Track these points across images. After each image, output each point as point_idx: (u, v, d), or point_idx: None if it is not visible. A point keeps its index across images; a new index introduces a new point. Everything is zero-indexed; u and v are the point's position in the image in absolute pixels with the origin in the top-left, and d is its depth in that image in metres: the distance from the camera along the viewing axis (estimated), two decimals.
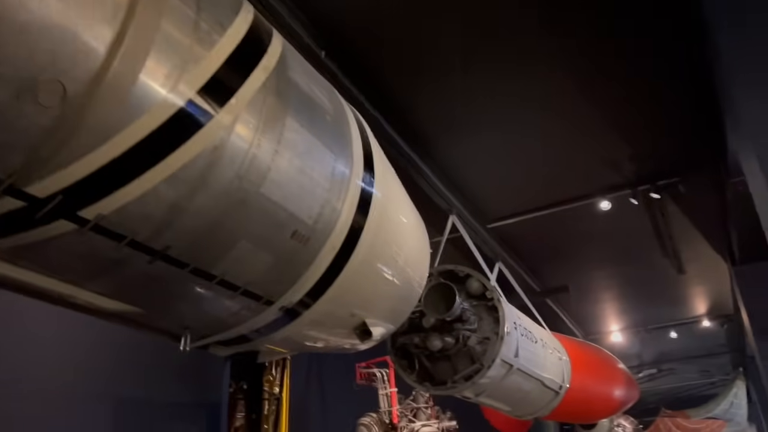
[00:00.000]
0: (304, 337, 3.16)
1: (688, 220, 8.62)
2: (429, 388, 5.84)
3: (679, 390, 23.30)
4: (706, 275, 11.09)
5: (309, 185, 2.44)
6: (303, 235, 2.49)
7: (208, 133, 1.97)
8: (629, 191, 7.57)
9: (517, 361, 6.05)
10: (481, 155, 7.29)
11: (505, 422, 9.56)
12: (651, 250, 9.79)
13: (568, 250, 9.77)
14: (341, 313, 3.11)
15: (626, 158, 7.26)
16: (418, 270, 3.73)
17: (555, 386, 7.14)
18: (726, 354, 18.51)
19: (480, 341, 5.77)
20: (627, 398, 9.46)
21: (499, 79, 6.05)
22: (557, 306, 12.11)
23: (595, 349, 9.26)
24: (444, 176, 7.35)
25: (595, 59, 5.79)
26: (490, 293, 5.89)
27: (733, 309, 12.95)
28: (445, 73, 5.94)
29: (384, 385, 9.87)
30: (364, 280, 3.07)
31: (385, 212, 3.12)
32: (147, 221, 1.96)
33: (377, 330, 3.41)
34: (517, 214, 8.32)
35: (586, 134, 6.96)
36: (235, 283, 2.40)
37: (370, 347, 5.85)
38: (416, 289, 3.78)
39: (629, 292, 12.32)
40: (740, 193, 6.97)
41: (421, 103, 6.35)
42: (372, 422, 9.74)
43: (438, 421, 9.76)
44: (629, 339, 15.11)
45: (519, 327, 6.35)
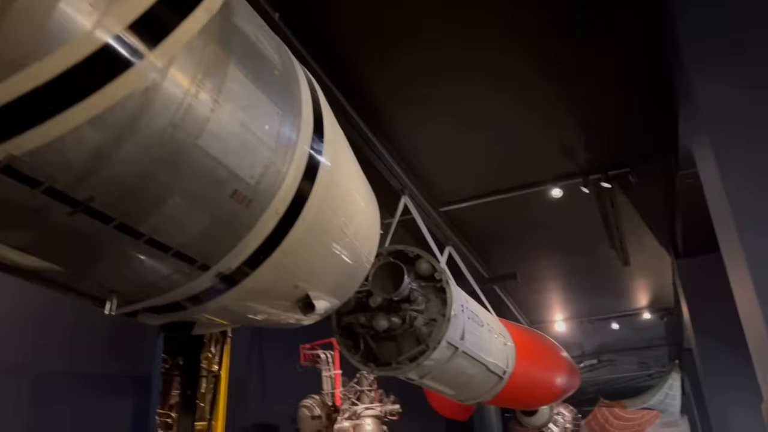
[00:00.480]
0: (244, 308, 3.00)
1: (636, 212, 8.78)
2: (373, 368, 5.75)
3: (617, 381, 24.03)
4: (649, 268, 11.36)
5: (252, 142, 2.29)
6: (244, 195, 2.33)
7: (138, 74, 1.79)
8: (581, 180, 7.63)
9: (462, 344, 6.03)
10: (436, 137, 7.22)
11: (448, 407, 9.61)
12: (598, 241, 9.95)
13: (518, 237, 9.84)
14: (283, 284, 2.97)
15: (580, 146, 7.31)
16: (367, 244, 3.61)
17: (499, 371, 7.17)
18: (664, 346, 19.12)
19: (426, 323, 5.71)
20: (569, 386, 9.61)
21: (457, 60, 5.97)
22: (504, 293, 12.22)
23: (540, 336, 9.37)
24: (398, 155, 7.25)
25: (552, 46, 5.77)
26: (439, 275, 5.83)
27: (674, 302, 13.35)
28: (406, 50, 5.83)
29: (328, 367, 9.78)
30: (309, 250, 2.93)
31: (335, 180, 2.99)
32: (67, 167, 1.78)
33: (321, 304, 3.28)
34: (469, 198, 8.29)
35: (542, 121, 6.96)
36: (167, 243, 2.23)
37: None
38: (364, 264, 3.67)
39: (575, 282, 12.54)
40: (688, 185, 7.11)
41: (378, 79, 6.22)
42: (314, 404, 9.65)
43: (381, 405, 9.72)
44: (572, 329, 15.42)
45: (466, 310, 6.33)
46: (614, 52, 5.87)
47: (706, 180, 4.86)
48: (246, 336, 11.11)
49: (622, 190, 7.96)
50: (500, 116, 6.85)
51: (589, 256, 10.79)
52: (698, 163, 5.06)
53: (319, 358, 9.86)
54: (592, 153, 7.37)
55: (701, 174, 5.00)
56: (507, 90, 6.44)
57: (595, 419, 22.36)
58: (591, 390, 23.20)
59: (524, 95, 6.57)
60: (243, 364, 10.99)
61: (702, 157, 4.81)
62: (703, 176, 4.97)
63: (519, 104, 6.68)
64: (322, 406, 9.64)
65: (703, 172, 4.92)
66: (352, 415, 9.58)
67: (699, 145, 4.79)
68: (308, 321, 3.61)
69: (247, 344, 11.35)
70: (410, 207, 7.16)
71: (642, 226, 9.29)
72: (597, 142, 7.23)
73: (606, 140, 7.22)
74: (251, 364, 11.34)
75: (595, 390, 23.18)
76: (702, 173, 4.97)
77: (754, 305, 3.47)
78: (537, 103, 6.63)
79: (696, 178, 6.92)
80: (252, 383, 11.23)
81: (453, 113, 6.79)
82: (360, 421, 9.50)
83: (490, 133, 7.16)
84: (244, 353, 11.14)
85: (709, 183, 4.73)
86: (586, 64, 6.05)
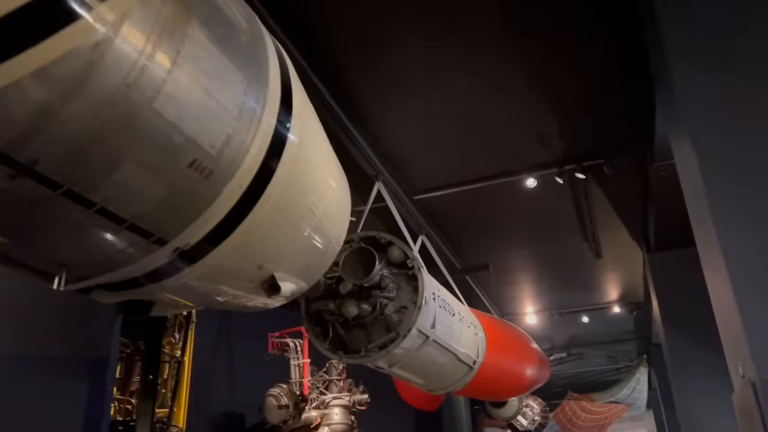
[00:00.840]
0: (205, 288, 2.88)
1: (609, 204, 8.81)
2: (342, 356, 5.66)
3: (585, 374, 24.35)
4: (620, 261, 11.45)
5: (213, 109, 2.17)
6: (204, 166, 2.21)
7: (87, 27, 1.67)
8: (555, 170, 7.61)
9: (433, 332, 5.97)
10: (411, 125, 7.14)
11: (417, 397, 9.58)
12: (571, 233, 9.98)
13: (492, 227, 9.81)
14: (247, 264, 2.85)
15: (555, 136, 7.28)
16: (337, 226, 3.51)
17: (469, 361, 7.14)
18: (632, 341, 19.37)
19: (397, 310, 5.63)
20: (539, 377, 9.65)
21: (434, 48, 5.91)
22: (476, 284, 12.23)
23: (511, 327, 9.38)
24: (373, 142, 7.15)
25: (529, 35, 5.73)
26: (411, 262, 5.76)
27: (644, 297, 13.50)
28: (385, 37, 5.74)
29: (297, 356, 9.69)
30: (275, 229, 2.82)
31: (303, 157, 2.88)
32: (9, 124, 1.65)
33: (287, 286, 3.17)
34: (444, 186, 8.23)
35: (518, 110, 6.92)
36: (119, 213, 2.10)
37: (286, 317, 5.64)
38: (333, 246, 3.57)
39: (546, 275, 12.59)
40: (662, 178, 7.13)
41: (355, 65, 6.12)
42: (281, 393, 9.57)
43: (350, 394, 9.66)
44: (543, 322, 15.51)
45: (438, 298, 6.28)
46: (591, 41, 5.83)
47: (682, 169, 4.84)
48: (213, 323, 10.95)
49: (596, 181, 7.97)
50: (476, 105, 6.79)
51: (562, 248, 10.83)
52: (675, 151, 5.04)
53: (287, 346, 9.76)
54: (567, 143, 7.36)
55: (677, 163, 4.99)
56: (483, 79, 6.38)
57: (563, 412, 22.62)
58: (560, 384, 23.47)
59: (500, 85, 6.52)
60: (209, 351, 10.83)
61: (678, 145, 4.79)
62: (679, 165, 4.95)
63: (495, 93, 6.62)
64: (290, 396, 9.55)
65: (679, 160, 4.90)
66: (320, 404, 9.52)
67: (676, 133, 4.78)
68: (274, 304, 3.51)
69: (214, 332, 11.19)
70: (384, 193, 7.08)
71: (615, 218, 9.33)
72: (572, 132, 7.21)
73: (581, 130, 7.20)
74: (218, 353, 11.19)
75: (564, 383, 23.45)
76: (678, 162, 4.95)
77: (728, 297, 3.45)
78: (513, 92, 6.58)
79: (670, 170, 6.97)
80: (218, 372, 11.08)
81: (429, 101, 6.71)
82: (328, 410, 9.45)
83: (465, 122, 7.10)
84: (210, 341, 10.99)
85: (684, 171, 4.71)
86: (563, 53, 6.01)
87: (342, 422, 9.38)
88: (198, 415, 10.34)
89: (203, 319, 10.26)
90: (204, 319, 10.38)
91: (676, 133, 4.67)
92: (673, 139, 4.99)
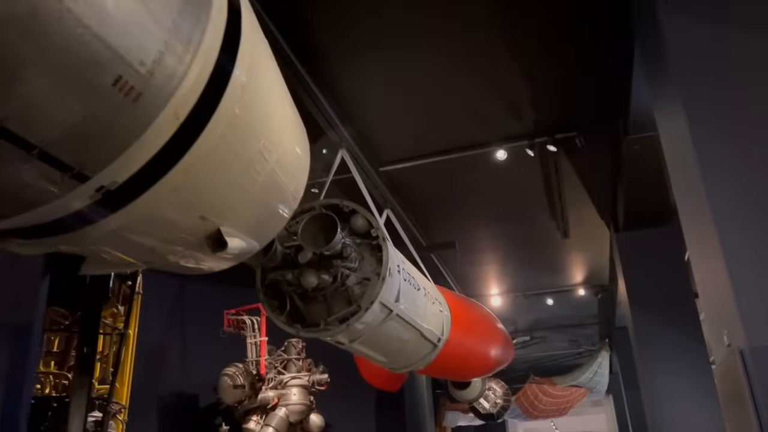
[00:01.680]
0: (138, 240, 2.56)
1: (579, 181, 8.67)
2: (299, 330, 5.37)
3: (548, 358, 24.57)
4: (588, 241, 11.37)
5: (142, 16, 1.85)
6: (131, 86, 1.89)
7: None
8: (527, 142, 7.41)
9: (397, 306, 5.73)
10: (377, 92, 6.86)
11: (378, 376, 9.37)
12: (540, 211, 9.84)
13: (460, 203, 9.60)
14: (187, 212, 2.54)
15: (527, 107, 7.08)
16: (294, 179, 3.22)
17: (434, 338, 6.93)
18: (595, 325, 19.53)
19: (359, 282, 5.37)
20: (503, 358, 9.53)
21: (401, 15, 5.67)
22: (442, 263, 12.05)
23: (476, 306, 9.22)
24: (337, 105, 6.83)
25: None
26: (376, 231, 5.49)
27: (609, 279, 13.52)
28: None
29: (253, 334, 9.38)
30: (219, 173, 2.51)
31: (254, 92, 2.57)
32: None
33: (235, 242, 2.87)
34: (411, 158, 7.96)
35: (488, 78, 6.70)
36: (24, 136, 1.78)
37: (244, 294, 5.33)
38: (290, 202, 3.28)
39: (513, 255, 12.47)
40: (635, 152, 6.99)
41: (322, 26, 5.85)
42: (237, 372, 9.27)
43: (309, 374, 9.41)
44: (507, 303, 15.45)
45: (402, 271, 6.03)
46: (566, 5, 5.61)
47: (666, 134, 4.64)
48: (166, 298, 10.57)
49: (567, 155, 7.80)
50: (445, 73, 6.54)
51: (529, 227, 10.69)
52: (658, 116, 4.82)
53: (243, 324, 9.44)
54: (538, 114, 7.16)
55: (660, 128, 4.78)
56: (452, 46, 6.15)
57: (525, 395, 22.75)
58: (522, 367, 23.61)
59: (470, 53, 6.29)
60: (162, 328, 10.46)
61: (663, 109, 4.58)
62: (662, 130, 4.74)
63: (464, 62, 6.39)
64: (246, 375, 9.26)
65: (663, 125, 4.70)
66: (278, 384, 9.24)
67: (660, 96, 4.55)
68: (220, 265, 3.21)
69: (167, 308, 10.82)
70: (348, 162, 6.78)
71: (584, 196, 9.21)
72: (544, 102, 7.02)
73: (554, 101, 7.01)
74: (171, 329, 10.82)
75: (526, 367, 23.60)
76: (662, 127, 4.75)
77: (718, 263, 3.27)
78: (484, 60, 6.36)
79: (645, 143, 6.83)
80: (171, 350, 10.71)
81: (396, 67, 6.45)
82: (286, 390, 9.18)
83: (434, 90, 6.84)
84: (163, 317, 10.62)
85: (669, 136, 4.51)
86: (536, 19, 5.79)
87: (300, 402, 9.12)
88: (148, 395, 9.98)
89: (156, 294, 9.89)
90: (157, 294, 10.01)
91: (661, 95, 4.46)
92: (657, 103, 4.78)
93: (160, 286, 10.22)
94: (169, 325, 10.86)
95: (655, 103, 4.94)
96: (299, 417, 9.13)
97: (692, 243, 4.22)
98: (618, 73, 6.25)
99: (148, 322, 9.42)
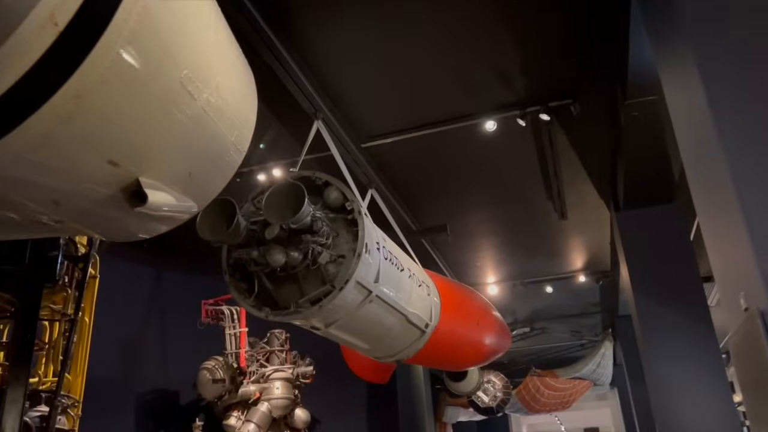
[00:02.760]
0: (36, 184, 2.15)
1: (575, 155, 8.26)
2: (268, 313, 4.99)
3: (549, 350, 24.19)
4: (587, 223, 10.96)
5: None
6: None
7: None
8: (518, 111, 7.00)
9: (377, 287, 5.34)
10: (356, 58, 6.44)
11: (365, 366, 8.99)
12: (535, 190, 9.43)
13: (450, 183, 9.17)
14: (90, 153, 2.15)
15: (517, 72, 6.67)
16: (234, 127, 2.82)
17: (421, 324, 6.55)
18: (597, 314, 19.16)
19: (334, 260, 4.98)
20: (499, 346, 9.15)
21: None
22: (434, 251, 11.66)
23: (468, 290, 8.83)
24: (310, 72, 6.42)
25: None
26: (351, 204, 5.10)
27: (611, 264, 13.13)
28: None
29: (233, 324, 8.99)
30: (125, 103, 2.11)
31: (169, 12, 2.17)
32: None
33: (158, 196, 2.46)
34: (395, 132, 7.55)
35: (477, 42, 6.29)
36: None
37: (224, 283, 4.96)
38: (230, 153, 2.88)
39: (508, 239, 12.04)
40: (635, 120, 6.59)
41: None
42: (216, 366, 8.90)
43: (293, 367, 9.03)
44: (505, 292, 15.04)
45: (383, 249, 5.64)
46: None
47: (673, 95, 4.24)
48: (141, 287, 10.21)
49: (562, 126, 7.39)
50: (430, 38, 6.15)
51: (524, 208, 10.27)
52: (663, 76, 4.42)
53: (222, 314, 9.05)
54: (530, 81, 6.75)
55: (667, 89, 4.39)
56: (437, 8, 5.77)
57: (526, 389, 22.41)
58: (523, 361, 23.27)
59: (455, 14, 5.90)
60: (141, 322, 10.09)
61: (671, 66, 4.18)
62: (669, 91, 4.35)
63: (450, 25, 6.01)
64: (226, 368, 8.89)
65: (669, 84, 4.30)
66: (260, 377, 8.86)
67: (667, 51, 4.14)
68: (149, 225, 2.81)
69: (145, 301, 10.44)
70: (324, 134, 6.37)
71: (582, 172, 8.80)
72: (535, 68, 6.61)
73: (546, 66, 6.61)
74: (150, 323, 10.43)
75: (527, 360, 23.27)
76: (668, 87, 4.35)
77: (737, 224, 2.90)
78: (470, 22, 5.97)
79: (645, 109, 6.43)
80: (150, 344, 10.33)
81: (376, 32, 6.07)
82: (268, 384, 8.81)
83: (418, 56, 6.44)
84: (142, 310, 10.24)
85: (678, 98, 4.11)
86: None
87: (284, 396, 8.75)
88: (124, 391, 9.62)
89: (129, 282, 9.54)
90: (130, 282, 9.65)
91: (668, 49, 4.07)
92: (662, 59, 4.38)
93: (135, 273, 9.88)
94: (149, 319, 10.49)
95: (659, 59, 4.55)
96: (283, 412, 8.76)
97: (704, 210, 3.83)
98: (614, 32, 5.84)
99: (120, 312, 9.07)
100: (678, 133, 4.27)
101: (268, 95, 6.67)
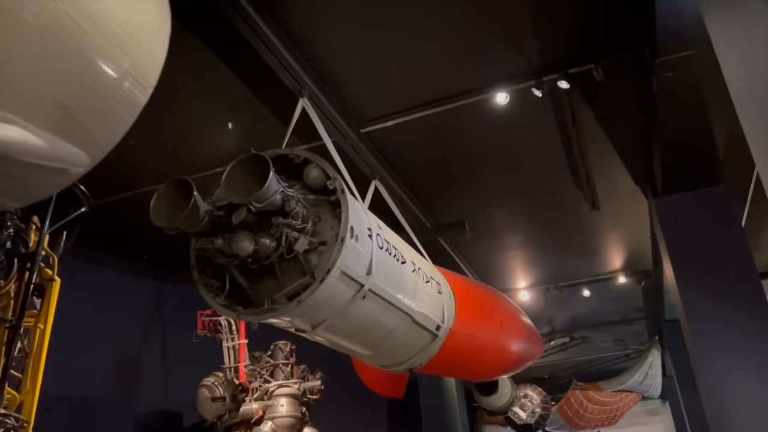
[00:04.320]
0: None
1: (603, 132, 7.50)
2: (240, 313, 4.41)
3: (591, 362, 23.25)
4: (623, 213, 10.13)
5: None
6: None
7: None
8: (533, 81, 6.31)
9: (369, 280, 4.72)
10: (349, 28, 5.86)
11: (377, 378, 8.31)
12: (560, 177, 8.68)
13: (462, 169, 8.36)
14: None
15: (531, 37, 6.02)
16: (126, 46, 2.23)
17: (431, 325, 5.90)
18: (642, 319, 18.26)
19: (314, 247, 4.38)
20: (528, 353, 8.40)
21: None
22: (455, 252, 10.97)
23: (490, 290, 8.13)
24: (296, 49, 5.86)
25: None
26: (333, 183, 4.51)
27: (653, 261, 12.27)
28: None
29: (231, 336, 8.43)
30: None
31: None
32: None
33: (9, 131, 1.90)
34: (396, 113, 6.92)
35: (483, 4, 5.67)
36: None
37: None
38: (125, 85, 2.30)
39: (535, 236, 11.20)
40: (670, 83, 5.88)
41: None
42: (216, 383, 8.36)
43: (299, 382, 8.42)
44: (538, 298, 14.25)
45: (378, 237, 5.02)
46: None
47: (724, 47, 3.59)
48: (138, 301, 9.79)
49: (584, 96, 6.68)
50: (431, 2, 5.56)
51: (551, 199, 9.49)
52: (710, 24, 3.77)
53: (219, 325, 8.51)
54: (544, 43, 6.07)
55: (716, 41, 3.74)
56: None
57: (568, 404, 21.45)
58: (564, 374, 22.32)
59: None
60: (142, 340, 9.64)
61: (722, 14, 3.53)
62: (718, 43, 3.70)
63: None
64: (226, 385, 8.33)
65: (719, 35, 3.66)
66: (263, 394, 8.28)
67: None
68: (26, 181, 2.24)
69: (144, 316, 10.00)
70: (309, 111, 5.78)
71: (611, 152, 8.01)
72: (551, 28, 5.95)
73: (561, 25, 5.94)
74: (150, 340, 9.97)
75: (568, 374, 22.32)
76: (717, 38, 3.71)
77: None
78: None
79: (680, 67, 5.71)
80: (150, 361, 9.86)
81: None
82: (272, 401, 8.22)
83: (418, 24, 5.82)
84: (139, 327, 9.80)
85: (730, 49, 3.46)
86: None
87: (289, 415, 8.14)
88: (123, 414, 9.18)
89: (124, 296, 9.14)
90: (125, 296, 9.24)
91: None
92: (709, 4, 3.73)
93: (135, 284, 9.52)
94: (149, 335, 10.04)
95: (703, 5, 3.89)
96: (289, 431, 8.14)
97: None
98: None
99: (118, 329, 8.68)
100: (734, 91, 3.61)
101: (249, 73, 6.16)
